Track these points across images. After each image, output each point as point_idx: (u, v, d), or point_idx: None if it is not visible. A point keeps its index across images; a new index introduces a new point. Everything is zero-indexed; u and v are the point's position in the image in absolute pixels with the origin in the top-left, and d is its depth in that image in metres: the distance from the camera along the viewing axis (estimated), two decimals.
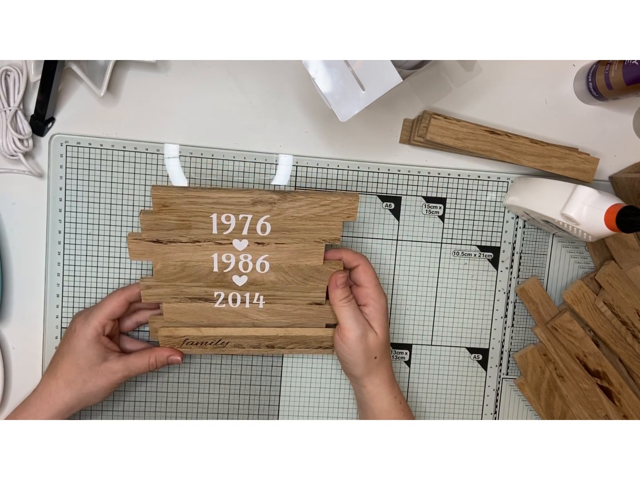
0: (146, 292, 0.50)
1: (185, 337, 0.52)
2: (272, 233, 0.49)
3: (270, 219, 0.48)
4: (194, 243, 0.49)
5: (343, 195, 0.48)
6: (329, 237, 0.50)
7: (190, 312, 0.52)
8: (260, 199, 0.48)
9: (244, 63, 0.54)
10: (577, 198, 0.46)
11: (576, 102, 0.57)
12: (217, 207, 0.47)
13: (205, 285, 0.51)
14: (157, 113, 0.54)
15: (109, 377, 0.50)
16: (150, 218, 0.47)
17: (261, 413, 0.59)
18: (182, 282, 0.50)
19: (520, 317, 0.60)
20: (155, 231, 0.48)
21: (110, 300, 0.51)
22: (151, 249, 0.49)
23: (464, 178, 0.57)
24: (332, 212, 0.49)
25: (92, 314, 0.50)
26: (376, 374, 0.52)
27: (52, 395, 0.49)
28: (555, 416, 0.59)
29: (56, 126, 0.53)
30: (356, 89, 0.42)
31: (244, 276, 0.51)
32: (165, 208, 0.47)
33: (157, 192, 0.46)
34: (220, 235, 0.49)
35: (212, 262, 0.50)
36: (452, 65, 0.54)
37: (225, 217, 0.48)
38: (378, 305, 0.51)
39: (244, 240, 0.49)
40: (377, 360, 0.52)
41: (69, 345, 0.50)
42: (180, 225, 0.48)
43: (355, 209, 0.49)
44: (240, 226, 0.49)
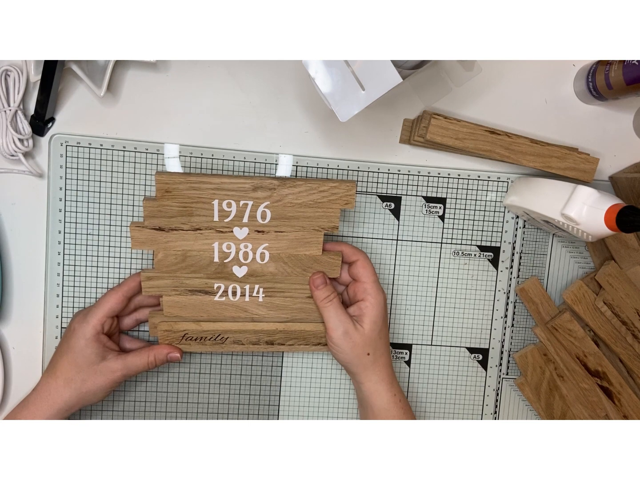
0: (147, 283, 0.51)
1: (184, 332, 0.53)
2: (272, 221, 0.50)
3: (270, 205, 0.49)
4: (195, 231, 0.50)
5: (341, 181, 0.50)
6: (328, 225, 0.51)
7: (190, 305, 0.52)
8: (261, 184, 0.49)
9: (244, 63, 0.54)
10: (577, 198, 0.46)
11: (576, 102, 0.57)
12: (218, 193, 0.48)
13: (206, 276, 0.51)
14: (157, 113, 0.54)
15: (108, 376, 0.50)
16: (153, 204, 0.48)
17: (261, 413, 0.59)
18: (182, 273, 0.51)
19: (520, 317, 0.60)
20: (157, 218, 0.49)
21: (108, 297, 0.51)
22: (153, 237, 0.49)
23: (464, 178, 0.57)
24: (331, 199, 0.50)
25: (91, 313, 0.50)
26: (373, 371, 0.52)
27: (52, 394, 0.49)
28: (555, 416, 0.59)
29: (56, 126, 0.53)
30: (356, 89, 0.42)
31: (244, 267, 0.51)
32: (168, 194, 0.48)
33: (161, 177, 0.48)
34: (222, 223, 0.50)
35: (213, 251, 0.50)
36: (452, 65, 0.54)
37: (226, 204, 0.49)
38: (375, 301, 0.51)
39: (244, 228, 0.50)
40: (371, 357, 0.52)
41: (68, 344, 0.50)
42: (182, 212, 0.49)
43: (352, 196, 0.50)
44: (241, 213, 0.49)
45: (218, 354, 0.57)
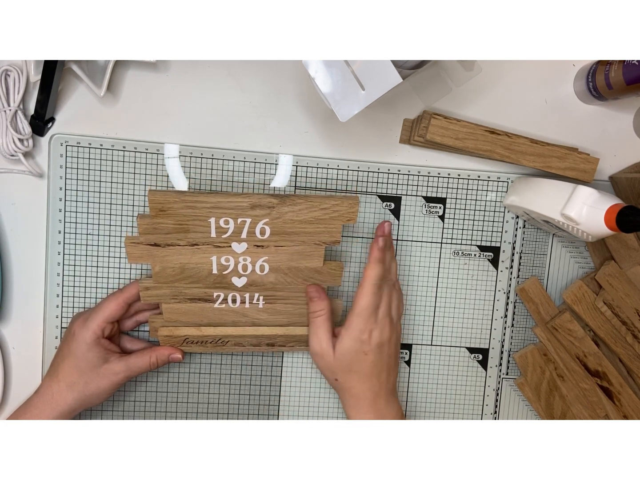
0: (145, 293, 0.50)
1: (185, 337, 0.53)
2: (271, 236, 0.49)
3: (270, 222, 0.48)
4: (193, 246, 0.49)
5: (343, 198, 0.48)
6: (329, 240, 0.50)
7: (190, 312, 0.52)
8: (259, 203, 0.47)
9: (244, 63, 0.54)
10: (577, 198, 0.46)
11: (576, 102, 0.57)
12: (215, 212, 0.47)
13: (205, 286, 0.51)
14: (157, 113, 0.54)
15: (111, 378, 0.50)
16: (148, 222, 0.47)
17: (261, 413, 0.59)
18: (181, 284, 0.50)
19: (520, 317, 0.60)
20: (152, 235, 0.48)
21: (108, 303, 0.50)
22: (149, 252, 0.48)
23: (464, 178, 0.57)
24: (332, 216, 0.48)
25: (91, 318, 0.50)
26: (342, 397, 0.52)
27: (55, 397, 0.49)
28: (555, 416, 0.59)
29: (56, 126, 0.53)
30: (356, 89, 0.42)
31: (244, 277, 0.51)
32: (163, 212, 0.47)
33: (154, 197, 0.46)
34: (219, 239, 0.49)
35: (211, 264, 0.50)
36: (452, 65, 0.54)
37: (223, 221, 0.48)
38: (350, 334, 0.49)
39: (243, 243, 0.49)
40: (340, 384, 0.51)
41: (69, 349, 0.50)
42: (178, 229, 0.48)
43: (355, 212, 0.49)
44: (239, 229, 0.48)
45: (218, 354, 0.57)
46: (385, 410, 0.51)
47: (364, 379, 0.50)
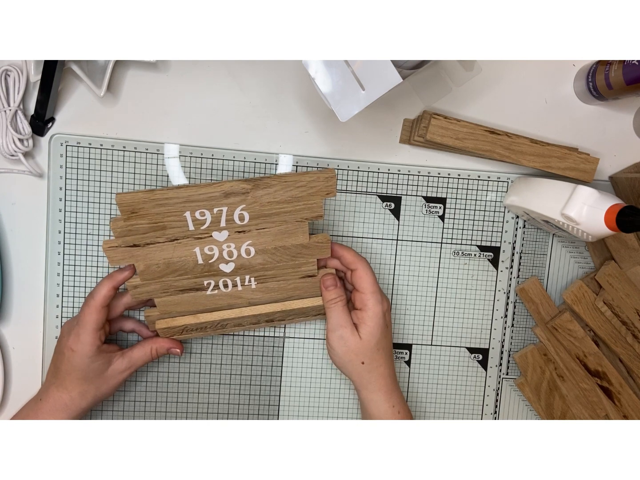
0: (135, 291, 0.50)
1: (183, 326, 0.53)
2: (251, 220, 0.48)
3: (247, 207, 0.47)
4: (173, 241, 0.48)
5: (319, 173, 0.47)
6: (311, 215, 0.49)
7: (183, 302, 0.52)
8: (232, 190, 0.46)
9: (244, 63, 0.54)
10: (577, 198, 0.46)
11: (576, 102, 0.57)
12: (188, 205, 0.46)
13: (194, 276, 0.50)
14: (157, 113, 0.54)
15: (118, 377, 0.51)
16: (122, 225, 0.46)
17: (261, 413, 0.59)
18: (169, 278, 0.50)
19: (520, 317, 0.60)
20: (129, 237, 0.47)
21: (87, 316, 0.49)
22: (130, 254, 0.47)
23: (464, 178, 0.57)
24: (310, 192, 0.47)
25: (82, 331, 0.49)
26: (369, 380, 0.52)
27: (68, 405, 0.49)
28: (555, 416, 0.59)
29: (56, 126, 0.53)
30: (356, 89, 0.42)
31: (231, 263, 0.50)
32: (135, 214, 0.45)
33: (123, 199, 0.44)
34: (198, 231, 0.48)
35: (196, 255, 0.49)
36: (452, 65, 0.54)
37: (199, 213, 0.46)
38: (371, 312, 0.51)
39: (223, 232, 0.48)
40: (366, 367, 0.51)
41: (71, 364, 0.49)
42: (154, 228, 0.47)
43: (333, 185, 0.47)
44: (217, 219, 0.47)
45: (218, 353, 0.57)
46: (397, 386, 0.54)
47: (388, 354, 0.53)
